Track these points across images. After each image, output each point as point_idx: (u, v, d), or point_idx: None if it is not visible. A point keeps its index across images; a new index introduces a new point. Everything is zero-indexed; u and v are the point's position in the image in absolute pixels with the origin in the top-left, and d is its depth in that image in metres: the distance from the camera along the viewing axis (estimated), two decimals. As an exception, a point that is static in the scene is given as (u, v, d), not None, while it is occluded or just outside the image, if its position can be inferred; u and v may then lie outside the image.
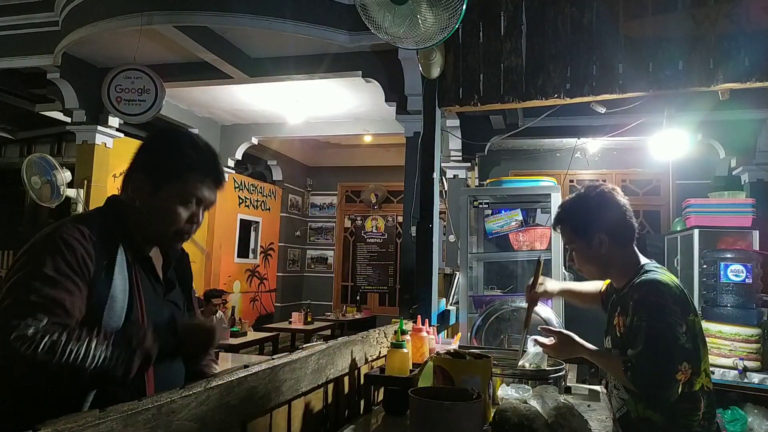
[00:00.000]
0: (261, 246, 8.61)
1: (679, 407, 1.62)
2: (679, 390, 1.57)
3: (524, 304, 2.82)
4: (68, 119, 5.34)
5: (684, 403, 1.61)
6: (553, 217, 1.88)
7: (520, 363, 1.83)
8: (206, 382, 1.05)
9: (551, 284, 2.05)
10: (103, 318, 1.12)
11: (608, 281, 1.98)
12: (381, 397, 1.87)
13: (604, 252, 1.73)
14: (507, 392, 1.67)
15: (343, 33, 4.44)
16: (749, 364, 3.70)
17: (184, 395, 0.94)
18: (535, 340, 1.83)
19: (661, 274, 1.69)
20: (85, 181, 5.16)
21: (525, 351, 1.86)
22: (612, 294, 1.87)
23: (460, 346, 2.21)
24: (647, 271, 1.70)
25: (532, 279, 1.99)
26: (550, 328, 1.89)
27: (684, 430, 1.64)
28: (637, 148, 6.04)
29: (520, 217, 3.72)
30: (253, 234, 8.55)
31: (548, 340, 1.81)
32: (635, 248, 1.79)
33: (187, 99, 6.25)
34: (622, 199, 1.78)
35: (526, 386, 1.72)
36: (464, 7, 2.16)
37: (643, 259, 1.78)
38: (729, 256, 4.14)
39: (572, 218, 1.79)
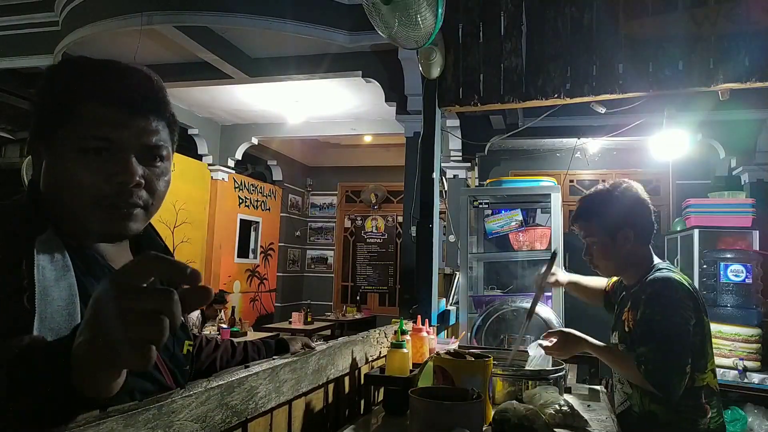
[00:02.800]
0: (261, 246, 8.61)
1: (682, 403, 1.64)
2: (685, 384, 1.60)
3: (525, 304, 2.83)
4: (68, 119, 5.34)
5: (687, 399, 1.64)
6: (577, 210, 1.87)
7: (526, 366, 1.83)
8: (207, 382, 1.05)
9: (561, 275, 2.13)
10: None
11: (614, 279, 2.04)
12: (381, 397, 1.87)
13: (628, 248, 1.77)
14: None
15: (343, 33, 4.45)
16: (749, 364, 3.71)
17: (185, 395, 0.94)
18: (539, 345, 1.83)
19: (675, 273, 1.73)
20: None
21: (528, 354, 1.85)
22: (621, 291, 1.91)
23: (459, 346, 2.21)
24: (661, 269, 1.74)
25: (545, 268, 2.02)
26: (551, 330, 1.91)
27: (688, 425, 1.66)
28: (637, 148, 6.04)
29: (520, 217, 3.72)
30: (253, 234, 8.56)
31: (550, 342, 1.81)
32: (650, 248, 1.83)
33: (187, 99, 6.25)
34: (646, 197, 1.81)
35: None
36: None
37: (656, 259, 1.82)
38: (729, 256, 4.15)
39: (601, 212, 1.79)
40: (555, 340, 1.81)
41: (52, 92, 0.85)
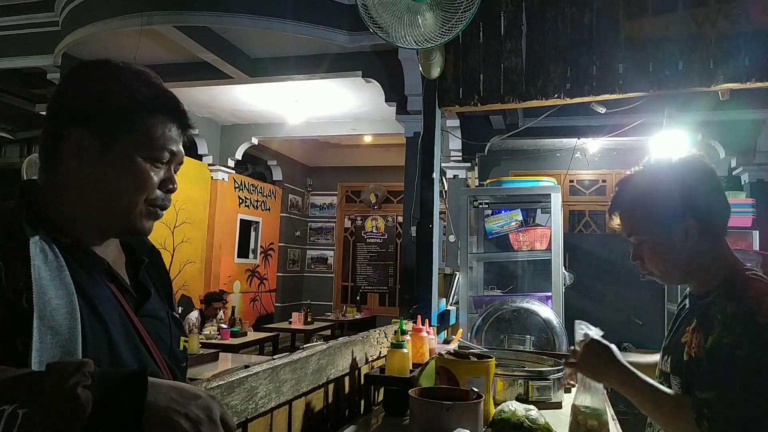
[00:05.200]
0: (261, 246, 8.61)
1: None
2: None
3: (525, 304, 2.82)
4: (68, 119, 5.33)
5: None
6: (614, 198, 1.33)
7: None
8: (207, 382, 1.05)
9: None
10: (32, 357, 0.70)
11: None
12: (381, 397, 1.87)
13: (690, 245, 1.22)
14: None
15: (343, 33, 4.45)
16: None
17: (184, 395, 0.94)
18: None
19: None
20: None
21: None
22: (684, 302, 1.34)
23: (459, 346, 2.21)
24: (752, 278, 1.16)
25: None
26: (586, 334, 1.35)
27: None
28: (637, 148, 6.04)
29: (520, 217, 3.72)
30: (253, 234, 8.56)
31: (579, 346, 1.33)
32: (727, 243, 1.27)
33: (187, 99, 6.24)
34: (713, 170, 1.28)
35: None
36: (472, 11, 2.16)
37: (738, 259, 1.26)
38: (729, 256, 4.14)
39: (647, 198, 1.26)
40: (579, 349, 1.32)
41: (116, 96, 0.87)
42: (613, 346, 1.27)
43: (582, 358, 1.30)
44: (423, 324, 2.02)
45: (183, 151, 0.94)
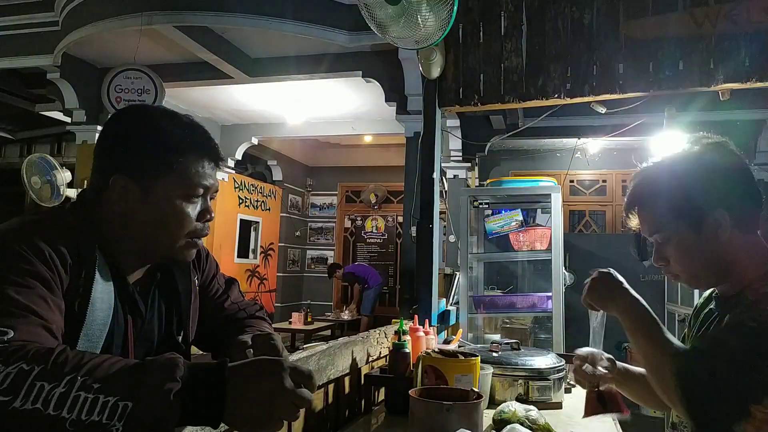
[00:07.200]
0: (261, 246, 8.61)
1: None
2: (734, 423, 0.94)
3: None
4: (68, 119, 5.34)
5: None
6: (630, 194, 1.19)
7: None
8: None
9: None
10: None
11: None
12: (382, 397, 1.87)
13: (723, 241, 1.08)
14: None
15: (343, 33, 4.44)
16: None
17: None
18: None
19: None
20: (85, 181, 5.13)
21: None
22: (709, 305, 1.21)
23: (444, 342, 2.21)
24: None
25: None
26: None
27: None
28: (637, 148, 6.04)
29: (520, 217, 3.72)
30: (253, 234, 8.55)
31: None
32: (762, 239, 1.12)
33: (187, 99, 6.25)
34: (741, 157, 1.16)
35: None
36: (456, 3, 2.16)
37: None
38: (729, 256, 4.14)
39: (672, 189, 1.12)
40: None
41: (150, 143, 0.96)
42: (616, 275, 1.17)
43: (591, 285, 1.18)
44: (422, 324, 2.02)
45: (217, 181, 1.02)
